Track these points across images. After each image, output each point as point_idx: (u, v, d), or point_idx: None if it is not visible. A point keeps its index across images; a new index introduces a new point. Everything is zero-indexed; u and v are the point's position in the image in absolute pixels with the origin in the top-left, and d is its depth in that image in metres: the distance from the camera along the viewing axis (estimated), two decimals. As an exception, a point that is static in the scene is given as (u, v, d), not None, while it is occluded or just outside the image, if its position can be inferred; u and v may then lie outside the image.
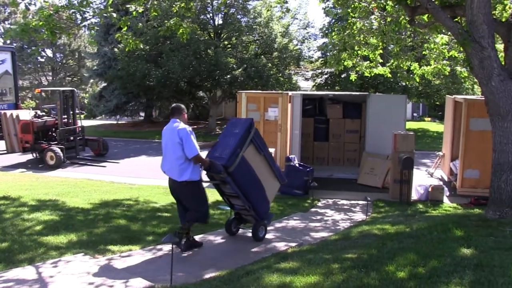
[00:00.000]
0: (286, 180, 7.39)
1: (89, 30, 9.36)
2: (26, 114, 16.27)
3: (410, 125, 27.72)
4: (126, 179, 12.82)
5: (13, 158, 15.84)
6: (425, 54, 12.58)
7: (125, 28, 9.45)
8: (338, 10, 18.06)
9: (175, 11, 10.95)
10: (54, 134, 15.63)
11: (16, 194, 9.95)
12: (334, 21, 25.54)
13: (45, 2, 8.50)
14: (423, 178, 13.13)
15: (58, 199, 9.65)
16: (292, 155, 11.64)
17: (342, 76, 24.74)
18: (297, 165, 11.24)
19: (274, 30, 26.03)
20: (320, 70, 29.19)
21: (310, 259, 5.36)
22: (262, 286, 4.53)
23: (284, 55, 26.00)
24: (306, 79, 31.14)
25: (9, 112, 16.88)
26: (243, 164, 6.39)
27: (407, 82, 14.58)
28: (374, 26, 10.87)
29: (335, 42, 12.18)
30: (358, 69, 12.47)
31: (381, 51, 11.74)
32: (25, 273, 5.36)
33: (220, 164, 6.17)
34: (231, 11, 26.68)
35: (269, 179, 6.87)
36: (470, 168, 10.94)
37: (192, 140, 6.05)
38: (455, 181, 11.49)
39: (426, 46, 12.14)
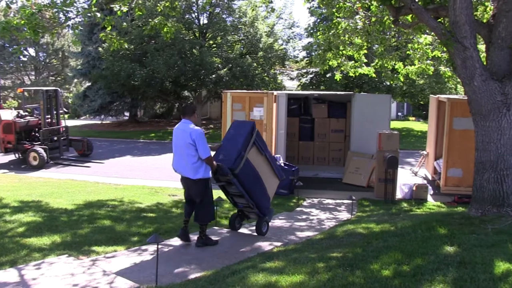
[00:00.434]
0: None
1: (72, 30, 9.24)
2: (8, 114, 16.05)
3: (395, 124, 27.95)
4: (110, 180, 12.73)
5: (-5, 158, 15.63)
6: (409, 54, 12.68)
7: (109, 27, 9.37)
8: (323, 10, 18.09)
9: (160, 10, 10.90)
10: (37, 134, 15.47)
11: (-2, 195, 9.82)
12: (319, 21, 25.62)
13: (27, 0, 8.38)
14: (408, 177, 13.24)
15: (42, 200, 9.54)
16: (277, 155, 11.65)
17: (327, 75, 24.85)
18: (282, 164, 11.25)
19: (259, 30, 26.06)
20: (305, 70, 29.30)
21: (295, 259, 5.36)
22: (247, 285, 4.52)
23: (269, 55, 26.04)
24: (291, 79, 31.22)
25: (-9, 112, 16.64)
26: (247, 165, 6.70)
27: (392, 82, 14.66)
28: (358, 26, 10.92)
29: (320, 42, 12.21)
30: (343, 68, 12.52)
31: (365, 51, 11.80)
32: (6, 275, 5.27)
33: (226, 167, 6.46)
34: (216, 11, 26.66)
35: (269, 177, 7.20)
36: (454, 167, 11.06)
37: (205, 141, 6.31)
38: (439, 179, 11.61)
39: (410, 46, 12.23)
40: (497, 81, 6.97)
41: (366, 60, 12.46)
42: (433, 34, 9.74)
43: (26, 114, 16.27)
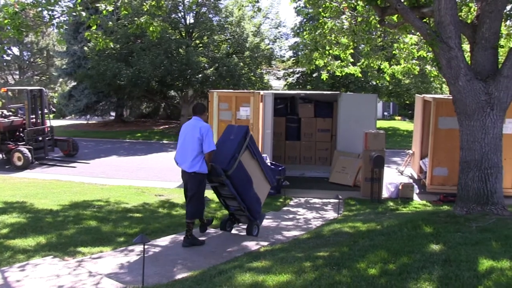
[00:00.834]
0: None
1: (57, 29, 9.15)
2: (-9, 114, 15.89)
3: (381, 123, 28.11)
4: (96, 180, 12.64)
5: (-22, 159, 15.41)
6: (395, 53, 12.77)
7: (94, 26, 9.29)
8: (310, 10, 18.14)
9: (146, 10, 10.84)
10: (21, 134, 15.30)
11: (-19, 196, 9.70)
12: (305, 20, 25.68)
13: (10, -1, 8.29)
14: (394, 176, 13.32)
15: (26, 201, 9.43)
16: (264, 154, 11.62)
17: (314, 75, 24.91)
18: (269, 164, 11.24)
19: (246, 30, 26.04)
20: (291, 70, 29.35)
21: (282, 258, 5.36)
22: (234, 285, 4.51)
23: (255, 55, 26.04)
24: (278, 78, 31.25)
25: (-27, 112, 16.42)
26: (240, 168, 6.83)
27: (378, 82, 14.75)
28: (345, 26, 10.97)
29: (307, 42, 12.24)
30: (329, 68, 12.56)
31: (352, 51, 11.85)
32: (-10, 277, 5.21)
33: (220, 167, 6.60)
34: (203, 10, 26.59)
35: (261, 182, 7.35)
36: (439, 166, 11.15)
37: (212, 137, 6.62)
38: (425, 178, 11.69)
39: (396, 46, 12.31)
40: (481, 81, 7.05)
41: (352, 59, 12.52)
42: (418, 34, 9.82)
43: (10, 114, 16.08)
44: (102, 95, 27.77)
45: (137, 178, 13.18)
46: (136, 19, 11.47)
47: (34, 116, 15.52)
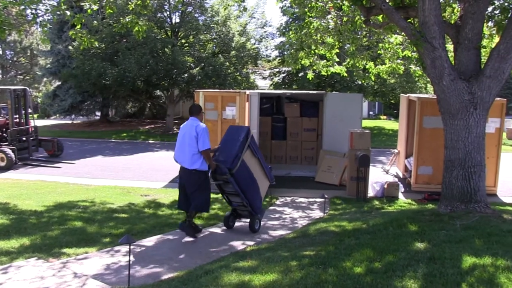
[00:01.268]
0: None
1: (41, 27, 9.06)
2: (-26, 114, 15.68)
3: (366, 123, 28.29)
4: (81, 180, 12.54)
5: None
6: (380, 53, 12.84)
7: (79, 25, 9.21)
8: (295, 10, 18.18)
9: (131, 9, 10.76)
10: (4, 134, 15.11)
11: (-37, 198, 9.56)
12: (291, 20, 25.75)
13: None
14: (379, 175, 13.41)
15: (9, 202, 9.33)
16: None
17: (299, 75, 24.98)
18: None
19: (232, 29, 26.02)
20: (277, 69, 29.39)
21: (268, 257, 5.38)
22: (221, 285, 4.51)
23: (241, 54, 26.02)
24: (264, 78, 31.27)
25: (-45, 112, 16.20)
26: (243, 166, 7.33)
27: (363, 81, 14.83)
28: (330, 26, 11.01)
29: (292, 41, 12.27)
30: (315, 68, 12.59)
31: (337, 50, 11.89)
32: (-27, 279, 5.14)
33: (225, 167, 7.07)
34: (188, 10, 26.50)
35: (261, 179, 7.83)
36: (424, 165, 11.25)
37: (206, 136, 7.01)
38: (410, 177, 11.79)
39: (381, 45, 12.39)
40: (464, 80, 7.13)
41: (338, 59, 12.57)
42: (403, 34, 9.91)
43: (-7, 114, 15.90)
44: (87, 95, 27.52)
45: (122, 178, 13.10)
46: (121, 18, 11.38)
47: (17, 116, 15.34)
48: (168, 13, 26.62)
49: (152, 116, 33.19)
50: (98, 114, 31.15)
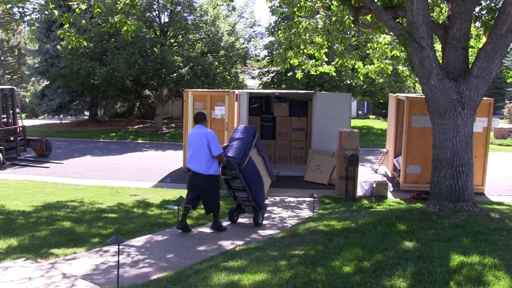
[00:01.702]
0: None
1: (29, 26, 8.98)
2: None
3: (355, 122, 28.38)
4: (70, 180, 12.45)
5: None
6: (368, 53, 12.89)
7: (67, 25, 9.13)
8: (284, 9, 18.19)
9: (120, 8, 10.70)
10: (-8, 134, 14.95)
11: (-51, 198, 9.45)
12: (280, 20, 25.74)
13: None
14: (368, 175, 13.47)
15: (-4, 202, 9.24)
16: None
17: (288, 74, 24.99)
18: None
19: (221, 29, 25.98)
20: (266, 69, 29.38)
21: (257, 257, 5.37)
22: (210, 285, 4.50)
23: (230, 54, 25.99)
24: (253, 78, 31.27)
25: None
26: (250, 162, 7.79)
27: (352, 81, 14.90)
28: (319, 25, 11.04)
29: (281, 41, 12.27)
30: (304, 67, 12.61)
31: (326, 50, 11.92)
32: (-41, 281, 5.08)
33: (235, 162, 7.49)
34: (177, 9, 26.41)
35: (265, 176, 8.35)
36: (412, 164, 11.31)
37: (217, 141, 7.41)
38: (398, 176, 11.85)
39: (369, 45, 12.43)
40: (452, 80, 7.18)
41: (326, 59, 12.59)
42: (391, 34, 9.95)
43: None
44: (75, 95, 27.34)
45: (111, 178, 13.02)
46: (110, 18, 11.31)
47: (5, 115, 15.21)
48: (157, 12, 26.51)
49: (141, 115, 33.04)
50: (87, 113, 30.95)
